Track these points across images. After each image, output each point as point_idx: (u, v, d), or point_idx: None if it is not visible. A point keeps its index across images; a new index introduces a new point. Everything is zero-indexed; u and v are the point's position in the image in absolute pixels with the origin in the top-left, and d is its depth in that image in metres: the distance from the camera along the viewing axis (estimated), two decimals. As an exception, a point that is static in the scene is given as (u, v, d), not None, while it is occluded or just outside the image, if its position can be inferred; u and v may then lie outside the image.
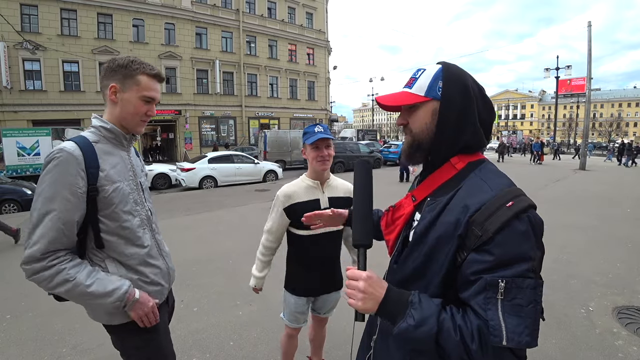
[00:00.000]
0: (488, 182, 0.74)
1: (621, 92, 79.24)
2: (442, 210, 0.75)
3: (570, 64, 23.35)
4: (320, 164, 1.67)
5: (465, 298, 0.70)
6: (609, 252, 4.53)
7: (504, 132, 41.52)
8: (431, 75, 0.81)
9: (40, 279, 1.02)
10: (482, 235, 0.67)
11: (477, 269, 0.67)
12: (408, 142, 0.85)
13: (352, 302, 0.74)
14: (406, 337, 0.70)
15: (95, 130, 1.16)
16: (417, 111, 0.83)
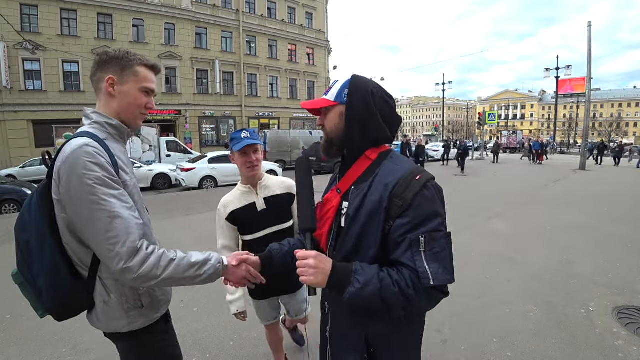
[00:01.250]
0: (399, 164, 0.94)
1: (621, 92, 79.20)
2: (367, 192, 0.91)
3: (570, 64, 23.39)
4: (250, 169, 1.70)
5: (396, 257, 0.85)
6: (609, 252, 4.53)
7: (504, 132, 41.44)
8: (340, 85, 0.99)
9: (150, 266, 0.96)
10: (403, 204, 0.85)
11: (402, 232, 0.84)
12: (324, 139, 1.03)
13: (305, 278, 0.85)
14: (356, 300, 0.83)
15: (99, 126, 1.11)
16: (329, 114, 1.00)
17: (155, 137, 15.63)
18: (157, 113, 21.37)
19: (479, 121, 27.05)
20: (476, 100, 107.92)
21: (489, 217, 6.48)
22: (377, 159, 0.97)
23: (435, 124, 76.81)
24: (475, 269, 3.96)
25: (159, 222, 6.67)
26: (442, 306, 3.00)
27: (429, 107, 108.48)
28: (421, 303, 0.84)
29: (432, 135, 50.54)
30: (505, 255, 4.44)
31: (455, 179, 12.72)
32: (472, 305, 3.11)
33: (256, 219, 1.75)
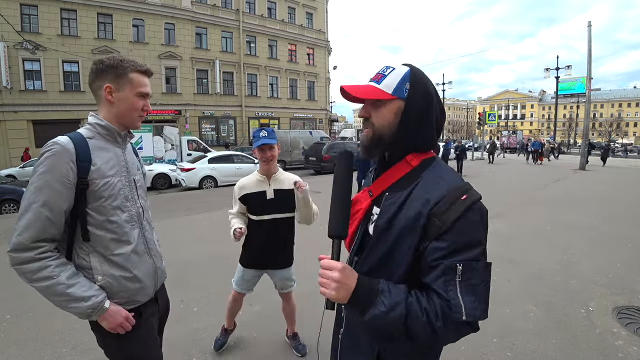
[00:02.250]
0: (443, 178, 0.82)
1: (621, 92, 79.19)
2: (403, 203, 0.82)
3: (570, 64, 23.33)
4: (265, 163, 2.09)
5: (428, 282, 0.77)
6: (609, 252, 4.53)
7: (504, 132, 41.44)
8: (400, 76, 0.85)
9: (25, 270, 1.04)
10: (442, 226, 0.75)
11: (438, 256, 0.75)
12: (369, 136, 0.88)
13: (326, 291, 0.77)
14: (377, 323, 0.76)
15: (90, 127, 1.20)
16: (382, 107, 0.86)
17: (177, 137, 15.84)
18: (157, 113, 21.37)
19: (479, 121, 27.06)
20: (476, 100, 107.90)
21: (489, 217, 6.47)
22: (418, 165, 0.86)
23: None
24: (475, 269, 3.95)
25: (159, 222, 6.67)
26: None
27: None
28: (447, 336, 0.76)
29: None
30: (505, 255, 4.43)
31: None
32: (472, 305, 3.10)
33: (264, 205, 2.11)
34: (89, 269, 1.14)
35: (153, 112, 10.38)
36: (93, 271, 1.14)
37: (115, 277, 1.17)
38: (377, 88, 0.85)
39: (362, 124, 0.91)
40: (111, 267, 1.17)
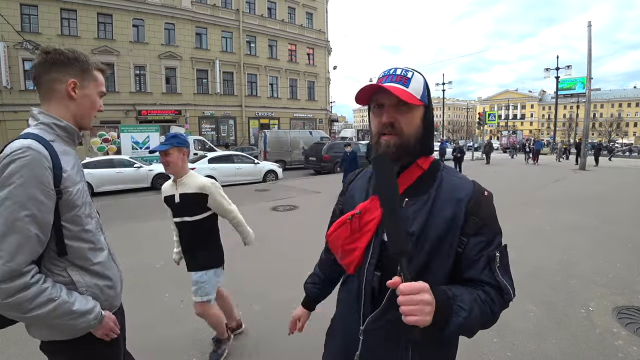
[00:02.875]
0: (457, 176, 0.89)
1: (621, 92, 79.19)
2: (433, 207, 0.83)
3: (570, 64, 23.36)
4: (165, 168, 2.13)
5: (473, 275, 0.82)
6: (609, 252, 4.53)
7: (504, 132, 41.45)
8: (422, 82, 0.87)
9: (22, 299, 0.89)
10: (479, 221, 0.82)
11: (479, 249, 0.82)
12: (395, 142, 0.84)
13: (418, 318, 0.68)
14: (459, 331, 0.77)
15: (46, 127, 1.06)
16: (411, 113, 0.85)
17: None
18: (157, 113, 21.39)
19: (479, 121, 27.07)
20: (476, 100, 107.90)
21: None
22: (429, 168, 0.88)
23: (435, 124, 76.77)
24: (475, 269, 3.96)
25: (159, 222, 6.67)
26: (442, 306, 2.96)
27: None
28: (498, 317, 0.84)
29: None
30: (505, 255, 4.43)
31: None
32: (472, 305, 3.10)
33: (174, 208, 2.24)
34: (70, 284, 1.03)
35: (153, 112, 10.44)
36: (76, 285, 1.04)
37: (99, 287, 1.11)
38: (410, 93, 0.82)
39: (387, 130, 0.84)
40: (93, 278, 1.09)
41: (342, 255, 0.90)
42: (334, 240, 0.91)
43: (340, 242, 0.89)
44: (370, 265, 0.87)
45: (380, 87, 0.82)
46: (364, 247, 0.86)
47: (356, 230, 0.87)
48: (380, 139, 0.85)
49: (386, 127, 0.84)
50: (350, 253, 0.88)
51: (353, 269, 0.89)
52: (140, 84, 21.34)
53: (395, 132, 0.84)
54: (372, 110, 0.89)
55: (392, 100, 0.83)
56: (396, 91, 0.80)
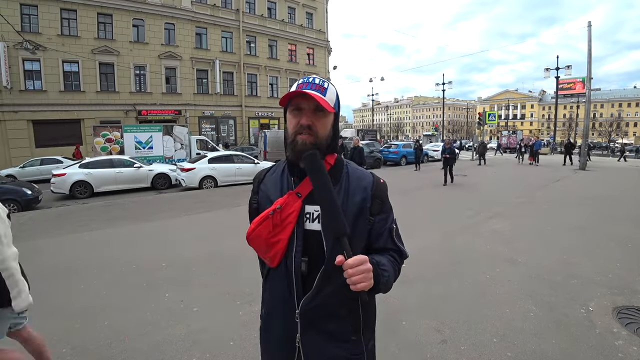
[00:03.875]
0: (359, 169, 1.07)
1: (621, 92, 79.18)
2: (345, 195, 0.98)
3: (570, 64, 23.36)
4: None
5: (381, 245, 1.02)
6: (609, 252, 4.53)
7: (504, 132, 41.42)
8: (335, 92, 1.00)
9: None
10: (380, 202, 1.02)
11: (382, 224, 1.02)
12: (311, 141, 0.94)
13: (365, 284, 0.84)
14: (382, 289, 0.94)
15: None
16: (324, 118, 0.97)
17: (186, 136, 15.99)
18: (157, 113, 21.39)
19: (479, 121, 27.07)
20: (476, 100, 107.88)
21: (489, 217, 6.48)
22: (335, 163, 1.02)
23: (435, 124, 76.82)
24: (476, 269, 3.96)
25: (159, 222, 6.68)
26: (442, 306, 2.98)
27: (429, 107, 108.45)
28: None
29: (432, 135, 50.55)
30: (505, 255, 4.43)
31: (455, 179, 12.71)
32: (472, 305, 3.11)
33: None
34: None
35: (153, 112, 10.40)
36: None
37: None
38: (327, 101, 0.94)
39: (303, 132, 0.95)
40: None
41: (266, 249, 0.98)
42: (255, 238, 0.98)
43: (264, 236, 0.97)
44: (297, 252, 0.96)
45: (304, 93, 0.92)
46: (287, 238, 0.96)
47: (278, 223, 0.96)
48: (297, 138, 0.95)
49: (304, 128, 0.95)
50: (274, 245, 0.97)
51: (278, 261, 0.98)
52: (140, 84, 21.33)
53: (312, 133, 0.95)
54: (291, 112, 0.98)
55: (310, 105, 0.94)
56: (318, 99, 0.92)
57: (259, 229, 0.97)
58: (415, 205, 7.96)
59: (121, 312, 3.07)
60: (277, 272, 1.00)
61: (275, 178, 1.07)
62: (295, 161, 0.98)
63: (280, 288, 1.01)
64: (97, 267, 4.21)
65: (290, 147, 0.98)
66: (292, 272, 0.97)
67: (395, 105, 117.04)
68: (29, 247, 5.17)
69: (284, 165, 1.08)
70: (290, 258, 0.96)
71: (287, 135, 1.00)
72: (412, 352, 2.44)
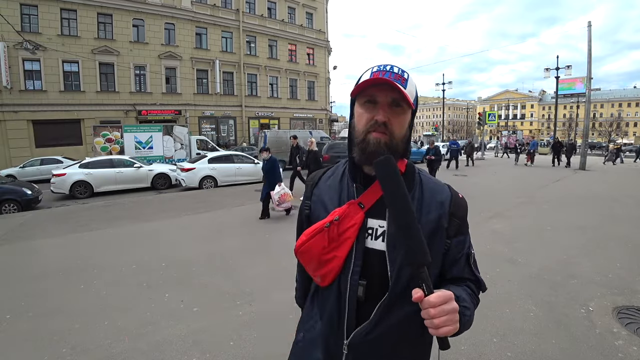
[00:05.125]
0: (434, 179, 0.90)
1: (621, 92, 79.15)
2: (419, 210, 0.82)
3: (570, 64, 23.31)
4: None
5: (458, 274, 0.86)
6: (609, 252, 4.53)
7: (504, 132, 41.43)
8: (414, 86, 0.84)
9: None
10: (459, 222, 0.86)
11: (460, 249, 0.86)
12: (386, 142, 0.79)
13: (450, 328, 0.66)
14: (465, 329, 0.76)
15: None
16: (404, 115, 0.82)
17: (186, 136, 16.02)
18: (157, 113, 21.39)
19: (479, 121, 27.07)
20: (476, 100, 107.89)
21: (489, 217, 6.48)
22: (406, 170, 0.85)
23: (435, 124, 76.82)
24: (475, 269, 3.95)
25: (159, 222, 6.67)
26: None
27: (429, 107, 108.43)
28: None
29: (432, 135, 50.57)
30: (505, 255, 4.43)
31: (455, 178, 12.71)
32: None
33: None
34: None
35: (153, 112, 10.40)
36: None
37: None
38: (407, 94, 0.78)
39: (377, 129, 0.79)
40: None
41: (317, 267, 0.83)
42: (306, 251, 0.83)
43: (316, 251, 0.82)
44: (354, 274, 0.80)
45: (385, 81, 0.76)
46: (344, 255, 0.81)
47: (334, 238, 0.80)
48: (369, 136, 0.79)
49: (379, 125, 0.79)
50: (327, 263, 0.82)
51: (330, 280, 0.83)
52: (140, 84, 21.34)
53: (387, 131, 0.79)
54: (362, 104, 0.81)
55: (388, 98, 0.78)
56: (401, 90, 0.76)
57: (311, 243, 0.82)
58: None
59: (121, 312, 3.07)
60: (328, 291, 0.85)
61: (333, 183, 0.91)
62: (362, 164, 0.83)
63: (329, 311, 0.84)
64: (97, 267, 4.21)
65: (359, 147, 0.82)
66: (346, 294, 0.81)
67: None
68: (29, 247, 5.17)
69: (344, 168, 0.92)
70: (345, 279, 0.81)
71: (354, 132, 0.84)
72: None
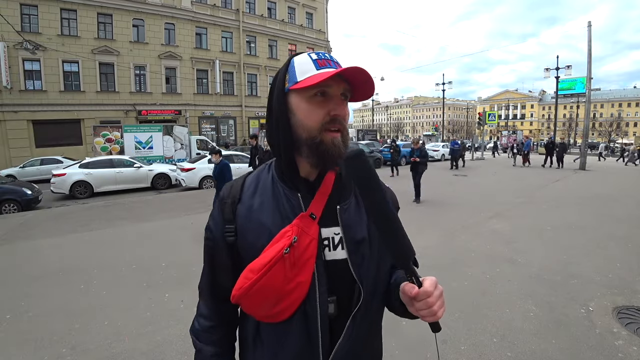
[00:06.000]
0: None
1: (621, 92, 79.19)
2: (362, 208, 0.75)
3: (570, 64, 23.31)
4: None
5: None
6: (609, 252, 4.53)
7: (504, 132, 41.45)
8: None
9: None
10: (395, 209, 0.81)
11: None
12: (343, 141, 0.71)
13: (443, 309, 0.65)
14: None
15: None
16: (347, 107, 0.74)
17: (186, 136, 16.05)
18: (157, 113, 21.39)
19: (479, 121, 27.09)
20: (476, 100, 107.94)
21: (489, 217, 6.48)
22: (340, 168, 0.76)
23: (435, 124, 76.85)
24: (476, 269, 3.96)
25: (159, 222, 6.68)
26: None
27: (429, 107, 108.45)
28: None
29: (432, 135, 50.58)
30: (505, 255, 4.44)
31: (455, 179, 12.71)
32: (472, 305, 3.11)
33: None
34: None
35: (153, 112, 10.39)
36: None
37: None
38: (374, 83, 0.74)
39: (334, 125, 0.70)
40: None
41: (276, 302, 0.68)
42: (262, 290, 0.66)
43: (276, 286, 0.66)
44: (322, 294, 0.70)
45: (361, 70, 0.66)
46: (309, 278, 0.68)
47: (295, 263, 0.67)
48: (324, 137, 0.69)
49: (337, 121, 0.69)
50: (290, 294, 0.68)
51: (293, 311, 0.69)
52: (140, 84, 21.34)
53: (341, 127, 0.71)
54: (310, 98, 0.69)
55: (340, 89, 0.70)
56: (369, 79, 0.70)
57: (268, 278, 0.65)
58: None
59: (121, 312, 3.07)
60: (286, 324, 0.71)
61: (265, 196, 0.74)
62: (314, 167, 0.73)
63: (294, 344, 0.71)
64: (97, 267, 4.21)
65: (317, 151, 0.69)
66: (316, 318, 0.70)
67: (395, 105, 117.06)
68: (29, 247, 5.17)
69: (271, 175, 0.77)
70: (312, 302, 0.70)
71: (299, 131, 0.70)
72: (412, 352, 2.44)
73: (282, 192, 0.73)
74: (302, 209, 0.71)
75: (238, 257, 0.75)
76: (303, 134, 0.70)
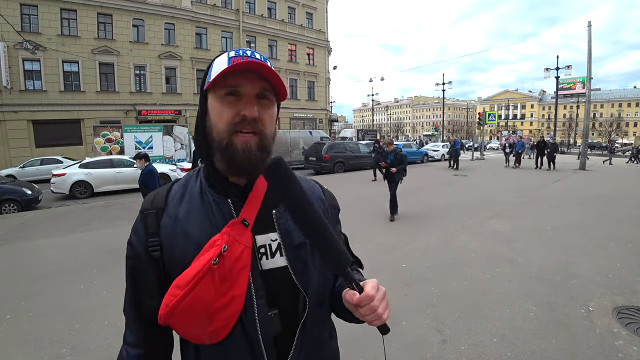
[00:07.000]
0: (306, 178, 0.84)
1: (621, 92, 79.21)
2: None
3: (570, 64, 23.32)
4: None
5: None
6: (609, 252, 4.53)
7: (504, 132, 41.46)
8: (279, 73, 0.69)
9: None
10: (336, 212, 0.84)
11: (341, 235, 0.84)
12: (257, 144, 0.66)
13: (388, 310, 0.61)
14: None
15: None
16: (271, 108, 0.69)
17: (186, 136, 16.07)
18: (157, 113, 21.38)
19: (479, 121, 27.07)
20: (476, 100, 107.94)
21: (489, 217, 6.47)
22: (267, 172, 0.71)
23: (435, 124, 76.83)
24: (476, 269, 3.96)
25: (159, 222, 6.66)
26: (442, 306, 2.98)
27: (429, 107, 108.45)
28: None
29: (432, 135, 50.61)
30: (505, 255, 4.44)
31: (455, 179, 12.71)
32: (472, 305, 3.11)
33: None
34: None
35: (153, 112, 10.44)
36: None
37: None
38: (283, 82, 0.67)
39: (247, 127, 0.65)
40: None
41: (209, 321, 0.62)
42: (189, 307, 0.59)
43: (206, 302, 0.60)
44: (260, 307, 0.64)
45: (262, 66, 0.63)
46: (244, 291, 0.63)
47: (226, 275, 0.61)
48: (234, 140, 0.64)
49: (248, 122, 0.64)
50: (224, 310, 0.62)
51: (230, 329, 0.63)
52: (140, 84, 21.34)
53: (257, 129, 0.66)
54: (221, 98, 0.66)
55: (255, 89, 0.65)
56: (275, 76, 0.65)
57: (195, 294, 0.59)
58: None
59: (121, 312, 3.07)
60: (224, 345, 0.65)
61: (193, 204, 0.69)
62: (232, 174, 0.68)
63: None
64: (97, 267, 4.21)
65: (224, 156, 0.65)
66: (257, 334, 0.64)
67: (395, 105, 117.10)
68: (29, 247, 5.17)
69: (199, 181, 0.72)
70: (251, 318, 0.64)
71: (212, 133, 0.67)
72: (412, 352, 2.44)
73: (212, 199, 0.68)
74: (233, 215, 0.67)
75: (165, 274, 0.67)
76: (216, 136, 0.66)
